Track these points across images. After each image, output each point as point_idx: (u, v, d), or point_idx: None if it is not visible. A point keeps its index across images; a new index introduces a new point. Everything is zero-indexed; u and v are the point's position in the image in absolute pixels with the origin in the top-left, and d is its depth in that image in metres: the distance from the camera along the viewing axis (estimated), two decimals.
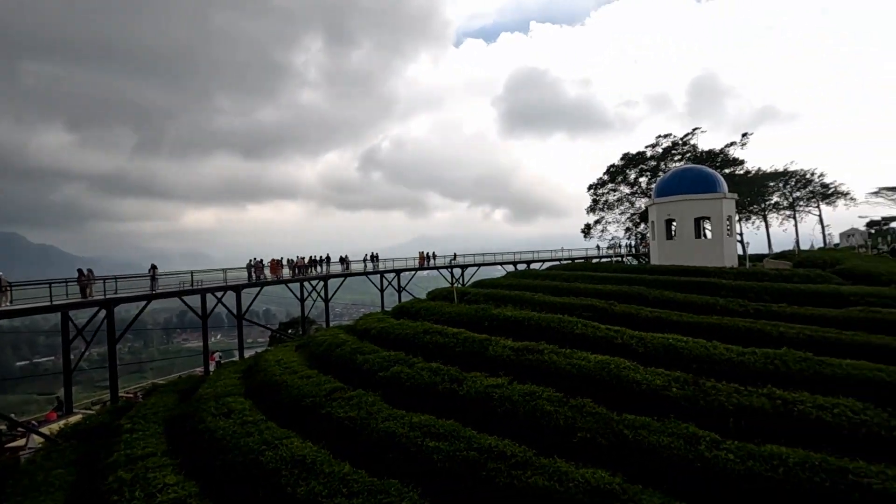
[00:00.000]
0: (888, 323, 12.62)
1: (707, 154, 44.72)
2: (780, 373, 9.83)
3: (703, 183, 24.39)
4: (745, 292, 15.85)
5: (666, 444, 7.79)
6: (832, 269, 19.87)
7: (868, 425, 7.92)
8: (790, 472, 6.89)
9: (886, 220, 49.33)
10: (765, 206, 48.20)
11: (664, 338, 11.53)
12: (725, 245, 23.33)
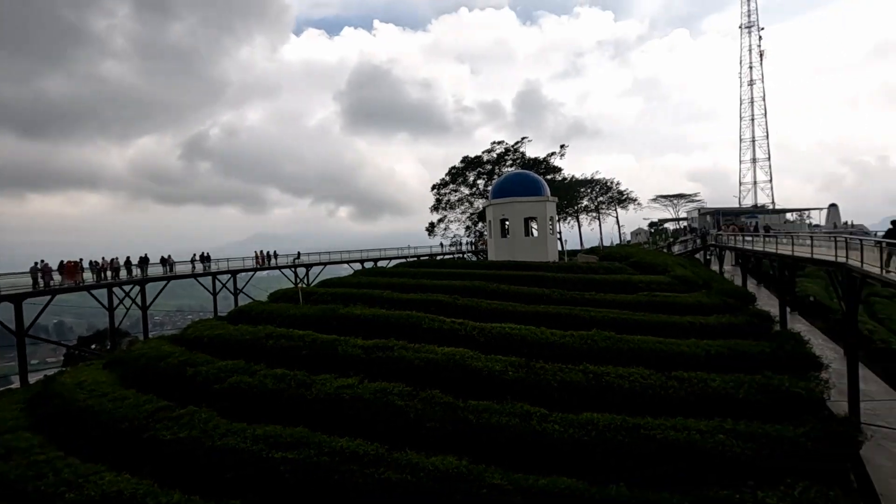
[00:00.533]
0: (665, 304, 15.77)
1: (533, 161, 50.26)
2: (593, 350, 11.56)
3: (531, 187, 27.36)
4: (565, 283, 18.26)
5: (505, 424, 8.58)
6: (626, 261, 24.03)
7: (653, 387, 9.81)
8: (600, 433, 8.18)
9: (662, 221, 61.43)
10: (577, 208, 55.99)
11: (501, 327, 12.66)
12: (549, 242, 26.53)
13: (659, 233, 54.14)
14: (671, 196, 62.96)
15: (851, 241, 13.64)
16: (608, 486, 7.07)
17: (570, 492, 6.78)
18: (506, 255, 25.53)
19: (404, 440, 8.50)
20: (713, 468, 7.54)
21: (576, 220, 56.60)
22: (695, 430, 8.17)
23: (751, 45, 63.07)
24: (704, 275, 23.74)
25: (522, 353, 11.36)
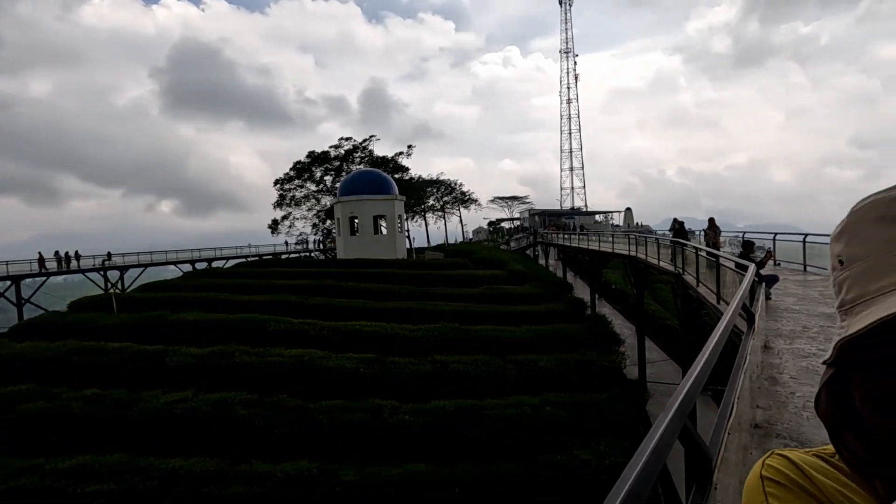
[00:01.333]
0: (503, 296, 17.40)
1: (382, 159, 50.67)
2: (441, 342, 12.24)
3: (380, 185, 27.62)
4: (414, 279, 18.92)
5: (358, 420, 8.65)
6: (469, 258, 25.83)
7: (493, 371, 10.81)
8: (449, 418, 8.77)
9: (499, 220, 67.23)
10: (424, 207, 58.15)
11: (353, 325, 12.64)
12: (398, 240, 27.14)
13: (497, 231, 59.07)
14: (507, 198, 69.28)
15: (639, 238, 16.76)
16: (456, 466, 7.64)
17: (421, 477, 7.14)
18: (355, 253, 25.38)
19: (251, 451, 7.99)
20: (544, 436, 8.65)
21: (423, 219, 58.71)
22: (528, 406, 9.26)
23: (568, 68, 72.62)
24: (534, 269, 26.73)
25: (375, 350, 11.50)
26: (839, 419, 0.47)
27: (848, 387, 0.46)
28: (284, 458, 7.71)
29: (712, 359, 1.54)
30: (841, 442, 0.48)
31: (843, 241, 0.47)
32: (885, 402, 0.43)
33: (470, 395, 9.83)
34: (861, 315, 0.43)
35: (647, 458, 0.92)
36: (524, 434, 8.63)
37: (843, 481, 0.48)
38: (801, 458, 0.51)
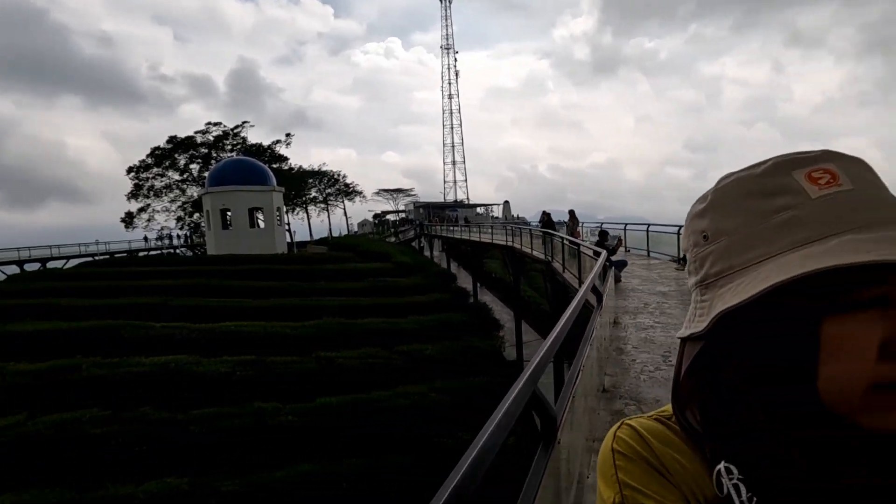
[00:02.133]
0: (389, 288, 17.46)
1: (257, 148, 47.36)
2: (325, 337, 11.94)
3: (255, 175, 25.80)
4: (296, 274, 18.11)
5: (237, 427, 8.12)
6: (354, 250, 25.43)
7: (381, 363, 10.86)
8: (335, 414, 8.64)
9: (385, 213, 66.99)
10: (306, 199, 55.74)
11: (227, 326, 11.77)
12: (277, 234, 25.69)
13: (382, 224, 58.86)
14: (392, 190, 69.28)
15: (515, 229, 17.97)
16: (342, 463, 7.58)
17: (307, 477, 6.96)
18: (229, 248, 23.51)
19: (107, 474, 7.08)
20: (432, 421, 8.94)
21: (305, 212, 56.29)
22: (415, 394, 9.48)
23: (449, 64, 74.50)
24: (419, 260, 27.22)
25: (254, 350, 10.85)
26: (693, 393, 0.48)
27: (711, 362, 0.47)
28: (151, 477, 6.97)
29: (562, 333, 1.77)
30: (682, 411, 0.49)
31: (709, 217, 0.48)
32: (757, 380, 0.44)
33: (357, 390, 9.76)
34: (731, 287, 0.44)
35: (500, 417, 1.05)
36: (412, 423, 8.84)
37: (678, 445, 0.50)
38: (645, 426, 0.52)
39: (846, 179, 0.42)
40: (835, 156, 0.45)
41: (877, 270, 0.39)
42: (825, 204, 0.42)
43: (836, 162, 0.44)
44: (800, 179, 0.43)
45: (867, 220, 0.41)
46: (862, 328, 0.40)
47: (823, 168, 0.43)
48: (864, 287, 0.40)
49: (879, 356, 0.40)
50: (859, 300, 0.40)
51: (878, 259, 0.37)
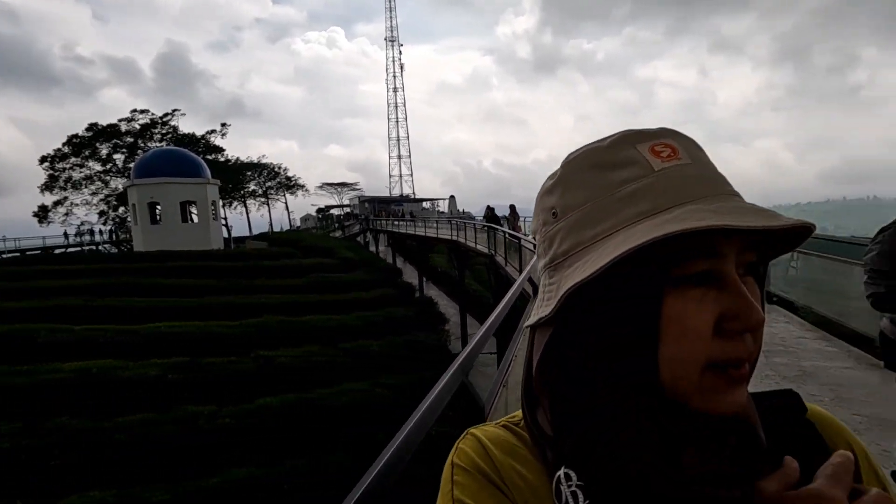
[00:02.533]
0: (333, 284, 17.12)
1: (190, 138, 44.72)
2: (265, 336, 11.54)
3: (187, 167, 24.35)
4: (233, 271, 17.34)
5: (168, 433, 7.70)
6: (296, 246, 24.68)
7: (324, 361, 10.65)
8: (276, 414, 8.39)
9: (328, 207, 65.47)
10: (244, 192, 53.40)
11: (157, 326, 11.10)
12: (212, 229, 24.43)
13: (326, 218, 57.51)
14: (336, 184, 67.75)
15: (460, 224, 18.15)
16: (284, 464, 7.38)
17: (245, 481, 6.73)
18: (159, 244, 22.10)
19: (18, 491, 6.51)
20: (375, 417, 8.88)
21: (243, 206, 53.94)
22: (358, 391, 9.38)
23: (394, 57, 73.70)
24: (365, 255, 26.86)
25: (187, 352, 10.31)
26: (543, 388, 0.46)
27: (560, 350, 0.44)
28: (73, 491, 6.47)
29: (494, 325, 1.81)
30: (533, 413, 0.47)
31: (557, 192, 0.46)
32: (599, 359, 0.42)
33: (299, 389, 9.52)
34: (579, 265, 0.42)
35: (429, 403, 1.07)
36: (355, 420, 8.74)
37: (522, 456, 0.47)
38: (490, 436, 0.49)
39: (685, 154, 0.43)
40: (672, 133, 0.45)
41: (711, 244, 0.39)
42: (667, 176, 0.42)
43: (674, 138, 0.44)
44: (644, 152, 0.43)
45: (704, 192, 0.41)
46: (695, 304, 0.40)
47: (664, 142, 0.43)
48: (698, 258, 0.40)
49: (714, 334, 0.39)
50: (692, 273, 0.40)
51: (717, 224, 0.37)
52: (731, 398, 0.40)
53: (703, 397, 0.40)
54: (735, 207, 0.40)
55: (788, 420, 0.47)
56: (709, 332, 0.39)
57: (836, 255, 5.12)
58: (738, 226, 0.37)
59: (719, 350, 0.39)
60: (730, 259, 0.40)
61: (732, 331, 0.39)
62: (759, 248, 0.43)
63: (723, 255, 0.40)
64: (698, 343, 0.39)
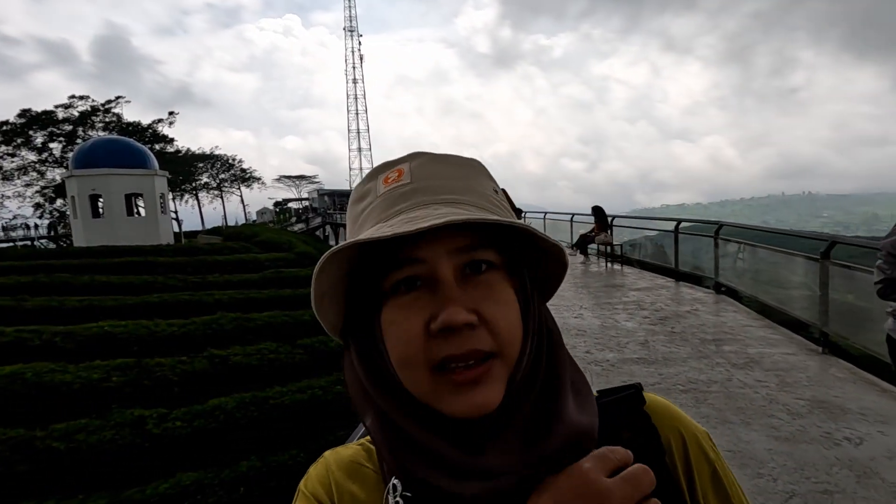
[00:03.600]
0: (290, 279, 16.65)
1: (135, 127, 42.36)
2: (218, 335, 11.10)
3: (133, 157, 23.00)
4: (184, 267, 16.54)
5: (111, 439, 7.26)
6: (253, 240, 23.87)
7: (280, 359, 10.34)
8: (229, 415, 8.07)
9: (286, 200, 63.76)
10: (196, 185, 51.19)
11: (99, 327, 10.46)
12: (161, 222, 23.24)
13: (284, 212, 56.04)
14: (294, 177, 66.03)
15: None
16: (239, 464, 7.11)
17: (196, 486, 6.44)
18: (102, 239, 20.82)
19: None
20: (333, 413, 8.70)
21: (195, 199, 51.73)
22: (317, 388, 9.15)
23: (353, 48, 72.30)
24: (324, 249, 26.29)
25: (132, 353, 9.78)
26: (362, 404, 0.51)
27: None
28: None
29: None
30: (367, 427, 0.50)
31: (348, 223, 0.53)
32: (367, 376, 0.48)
33: (256, 387, 9.20)
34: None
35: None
36: (312, 417, 8.54)
37: (365, 475, 0.51)
38: (339, 458, 0.53)
39: (409, 176, 0.47)
40: (415, 157, 0.48)
41: (410, 252, 0.44)
42: (386, 196, 0.47)
43: (410, 162, 0.48)
44: (378, 182, 0.49)
45: (411, 204, 0.45)
46: (404, 310, 0.44)
47: (397, 169, 0.48)
48: (402, 267, 0.44)
49: (427, 336, 0.42)
50: (398, 280, 0.44)
51: (389, 234, 0.40)
52: (467, 400, 0.41)
53: (441, 400, 0.43)
54: (413, 218, 0.42)
55: (626, 412, 0.50)
56: (419, 335, 0.43)
57: (777, 248, 5.37)
58: (381, 237, 0.41)
59: (434, 351, 0.42)
60: (437, 263, 0.43)
61: (435, 330, 0.42)
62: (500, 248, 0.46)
63: (425, 261, 0.43)
64: (411, 346, 0.43)
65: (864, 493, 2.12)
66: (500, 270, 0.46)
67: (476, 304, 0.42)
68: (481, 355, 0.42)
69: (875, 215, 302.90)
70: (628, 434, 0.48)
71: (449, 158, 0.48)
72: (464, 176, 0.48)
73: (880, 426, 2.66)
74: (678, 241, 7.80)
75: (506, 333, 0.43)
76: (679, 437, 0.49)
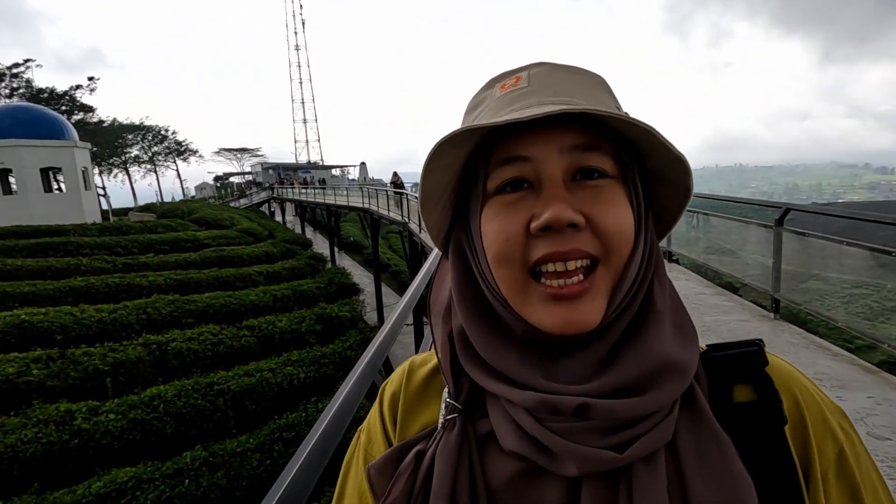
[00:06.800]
0: (232, 258, 15.77)
1: (50, 94, 38.36)
2: (154, 320, 10.33)
3: (47, 126, 20.74)
4: (113, 248, 15.27)
5: (33, 438, 6.60)
6: (190, 217, 22.42)
7: (224, 342, 9.78)
8: (170, 404, 7.54)
9: (228, 175, 60.46)
10: (126, 159, 47.47)
11: (15, 315, 9.43)
12: (85, 199, 21.28)
13: (226, 187, 53.18)
14: (235, 150, 62.51)
15: (371, 191, 17.48)
16: (183, 455, 6.70)
17: (135, 481, 5.98)
18: (14, 218, 18.80)
19: None
20: (287, 397, 8.36)
21: (125, 174, 48.04)
22: (267, 371, 8.75)
23: (294, 11, 68.31)
24: (270, 226, 25.18)
25: (53, 343, 8.92)
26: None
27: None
28: None
29: (408, 308, 1.49)
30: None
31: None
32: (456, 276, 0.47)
33: (199, 373, 8.67)
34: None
35: (333, 413, 0.87)
36: (267, 399, 8.18)
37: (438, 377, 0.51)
38: (421, 362, 0.54)
39: (527, 81, 0.44)
40: (536, 66, 0.46)
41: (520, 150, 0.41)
42: (502, 98, 0.44)
43: (530, 70, 0.45)
44: (495, 89, 0.46)
45: (527, 104, 0.42)
46: (507, 208, 0.41)
47: (516, 76, 0.45)
48: (508, 165, 0.42)
49: (527, 236, 0.40)
50: (505, 180, 0.42)
51: (501, 121, 0.38)
52: (563, 315, 0.39)
53: (533, 308, 0.41)
54: (531, 104, 0.41)
55: (742, 371, 0.44)
56: (520, 232, 0.40)
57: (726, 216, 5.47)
58: (492, 123, 0.38)
59: (534, 250, 0.40)
60: (546, 161, 0.40)
61: (536, 229, 0.39)
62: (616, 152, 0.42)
63: (534, 160, 0.41)
64: (510, 243, 0.41)
65: None
66: (614, 180, 0.42)
67: (584, 206, 0.39)
68: (585, 256, 0.39)
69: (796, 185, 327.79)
70: (745, 395, 0.43)
71: (573, 69, 0.45)
72: (587, 85, 0.44)
73: (838, 391, 2.70)
74: None
75: (615, 236, 0.40)
76: (801, 403, 0.43)
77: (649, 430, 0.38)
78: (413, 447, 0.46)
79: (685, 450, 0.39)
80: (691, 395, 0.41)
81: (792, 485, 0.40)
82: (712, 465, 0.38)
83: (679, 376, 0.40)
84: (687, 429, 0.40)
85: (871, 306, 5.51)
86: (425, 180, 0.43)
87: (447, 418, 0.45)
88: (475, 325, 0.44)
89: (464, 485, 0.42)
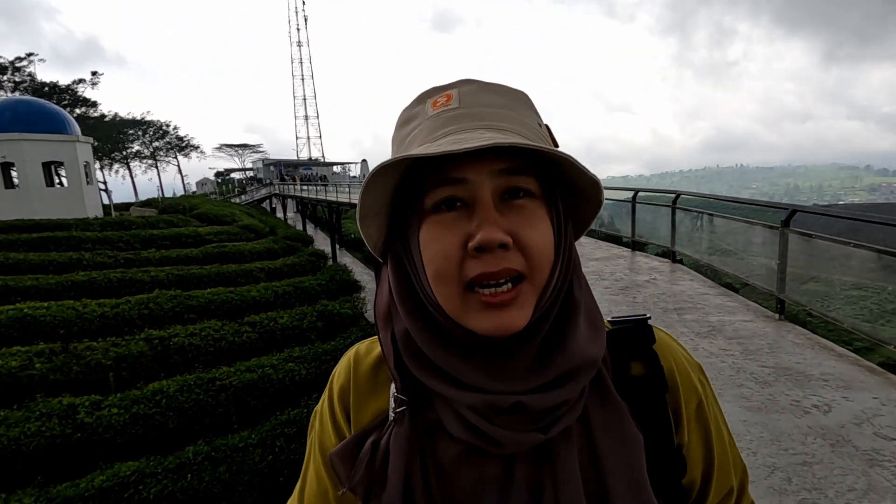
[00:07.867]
0: (234, 254, 15.79)
1: (52, 88, 38.30)
2: (156, 315, 10.35)
3: (49, 121, 20.73)
4: (114, 242, 15.28)
5: (35, 432, 6.62)
6: (192, 213, 22.43)
7: (226, 338, 9.79)
8: (172, 399, 7.56)
9: (229, 171, 60.40)
10: (127, 154, 47.42)
11: (17, 309, 9.47)
12: (87, 194, 21.30)
13: (226, 183, 53.13)
14: (236, 146, 62.42)
15: None
16: (185, 449, 6.71)
17: (137, 475, 6.00)
18: (16, 212, 18.86)
19: None
20: (288, 393, 8.37)
21: (127, 169, 47.99)
22: (268, 367, 8.75)
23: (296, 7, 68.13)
24: (271, 222, 25.18)
25: (56, 337, 8.94)
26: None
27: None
28: None
29: None
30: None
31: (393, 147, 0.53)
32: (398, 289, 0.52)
33: (201, 368, 8.68)
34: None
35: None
36: (268, 395, 8.18)
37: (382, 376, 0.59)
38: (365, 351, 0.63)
39: (457, 101, 0.48)
40: (464, 83, 0.50)
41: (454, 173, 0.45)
42: (435, 119, 0.48)
43: (460, 88, 0.49)
44: (426, 105, 0.50)
45: (460, 128, 0.46)
46: (443, 228, 0.46)
47: (446, 94, 0.49)
48: (443, 186, 0.46)
49: (463, 254, 0.44)
50: (439, 200, 0.46)
51: (438, 152, 0.41)
52: (495, 320, 0.44)
53: (470, 316, 0.45)
54: (460, 139, 0.43)
55: (634, 345, 0.54)
56: (456, 252, 0.45)
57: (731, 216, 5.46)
58: (430, 153, 0.41)
59: (468, 268, 0.44)
60: (479, 185, 0.45)
61: (472, 249, 0.44)
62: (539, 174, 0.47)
63: (467, 182, 0.45)
64: (448, 262, 0.45)
65: (840, 463, 2.13)
66: (537, 199, 0.47)
67: (512, 227, 0.44)
68: (513, 274, 0.44)
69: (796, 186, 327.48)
70: (638, 370, 0.53)
71: (497, 88, 0.49)
72: (511, 106, 0.49)
73: (844, 391, 2.71)
74: (636, 211, 7.88)
75: (538, 258, 0.45)
76: (675, 371, 0.54)
77: (567, 412, 0.47)
78: (369, 436, 0.52)
79: (595, 419, 0.48)
80: (598, 376, 0.50)
81: (667, 436, 0.52)
82: (614, 429, 0.48)
83: (592, 368, 0.48)
84: (595, 403, 0.49)
85: (870, 308, 5.51)
86: (365, 198, 0.47)
87: (397, 411, 0.50)
88: (420, 330, 0.48)
89: (416, 464, 0.48)
